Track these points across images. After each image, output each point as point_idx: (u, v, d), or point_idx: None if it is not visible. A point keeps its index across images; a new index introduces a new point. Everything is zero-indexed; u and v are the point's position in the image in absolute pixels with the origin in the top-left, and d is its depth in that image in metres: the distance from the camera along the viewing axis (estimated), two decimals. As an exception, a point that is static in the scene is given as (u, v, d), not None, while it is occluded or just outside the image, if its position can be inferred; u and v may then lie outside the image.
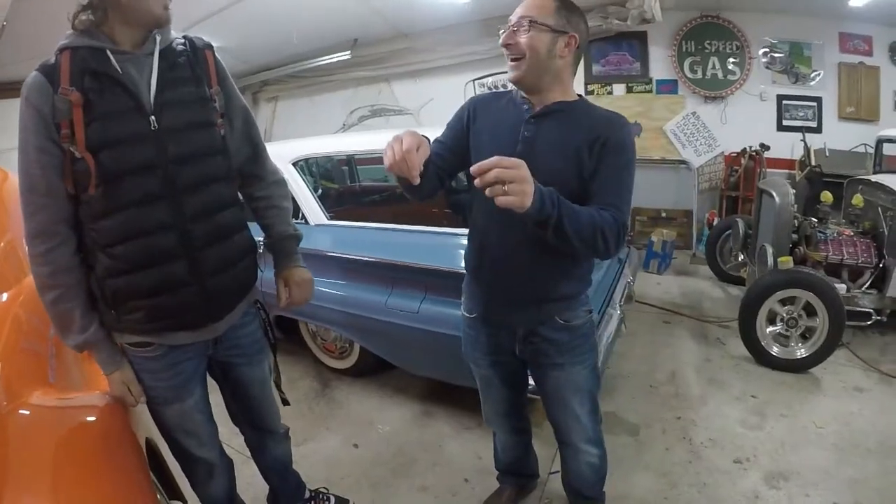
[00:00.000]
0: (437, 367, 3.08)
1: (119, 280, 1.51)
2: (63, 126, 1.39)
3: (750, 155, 6.25)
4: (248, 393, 1.96)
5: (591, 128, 1.64)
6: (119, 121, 1.43)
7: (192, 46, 1.61)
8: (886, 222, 3.98)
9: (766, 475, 2.66)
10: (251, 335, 1.88)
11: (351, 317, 3.13)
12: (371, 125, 8.15)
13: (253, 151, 1.83)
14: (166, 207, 1.51)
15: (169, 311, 1.58)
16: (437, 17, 6.74)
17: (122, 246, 1.49)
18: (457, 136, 1.82)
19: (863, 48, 6.29)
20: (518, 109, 1.73)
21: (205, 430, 1.88)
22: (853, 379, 3.55)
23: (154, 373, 1.67)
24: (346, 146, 4.52)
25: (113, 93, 1.43)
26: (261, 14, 6.04)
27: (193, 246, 1.57)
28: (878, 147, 4.97)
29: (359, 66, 7.92)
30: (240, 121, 1.76)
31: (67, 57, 1.41)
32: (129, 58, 1.46)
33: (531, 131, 1.67)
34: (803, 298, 3.58)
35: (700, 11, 6.48)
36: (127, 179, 1.45)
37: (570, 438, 2.07)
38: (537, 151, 1.63)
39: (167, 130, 1.49)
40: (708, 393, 3.42)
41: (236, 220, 1.72)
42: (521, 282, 1.78)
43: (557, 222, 1.42)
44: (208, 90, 1.62)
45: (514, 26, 1.62)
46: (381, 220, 3.40)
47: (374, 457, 2.93)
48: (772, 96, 6.51)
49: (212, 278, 1.62)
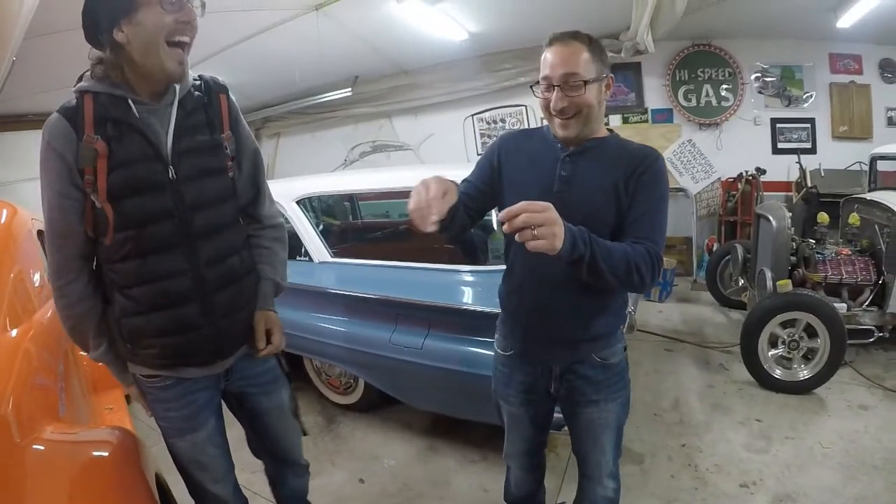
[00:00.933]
0: (442, 401, 3.08)
1: (134, 319, 1.57)
2: (87, 172, 1.43)
3: (746, 179, 6.31)
4: (265, 423, 1.96)
5: (628, 163, 1.63)
6: (140, 170, 1.48)
7: (207, 89, 1.64)
8: (883, 239, 4.01)
9: (773, 498, 2.66)
10: (262, 365, 1.87)
11: (355, 353, 3.15)
12: (372, 161, 8.24)
13: (255, 194, 1.85)
14: (181, 253, 1.56)
15: (180, 350, 1.63)
16: (435, 54, 6.87)
17: (139, 288, 1.54)
18: (486, 176, 1.80)
19: (853, 67, 6.39)
20: (552, 147, 1.71)
21: (219, 465, 1.89)
22: (857, 397, 3.56)
23: (166, 402, 1.71)
24: (349, 185, 4.59)
25: (132, 142, 1.47)
26: (263, 52, 6.16)
27: (206, 290, 1.61)
28: (872, 164, 5.01)
29: (360, 103, 8.07)
30: (248, 163, 1.78)
31: (90, 101, 1.45)
32: (149, 108, 1.50)
33: (568, 170, 1.66)
34: (804, 320, 3.60)
35: (692, 40, 6.60)
36: (145, 227, 1.50)
37: (594, 473, 2.04)
38: (575, 190, 1.64)
39: (184, 179, 1.53)
40: (712, 419, 3.42)
41: (244, 264, 1.77)
42: (561, 321, 1.76)
43: (591, 261, 1.41)
44: (221, 135, 1.65)
45: (563, 86, 1.57)
46: (384, 257, 3.44)
47: (380, 492, 2.92)
48: (766, 120, 6.60)
49: (222, 320, 1.66)
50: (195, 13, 1.45)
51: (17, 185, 6.55)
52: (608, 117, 6.99)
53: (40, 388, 1.81)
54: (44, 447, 1.45)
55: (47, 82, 5.74)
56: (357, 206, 5.55)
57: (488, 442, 3.20)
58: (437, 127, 7.84)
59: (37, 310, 2.27)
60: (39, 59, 4.86)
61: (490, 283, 2.98)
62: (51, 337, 2.21)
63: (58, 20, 4.20)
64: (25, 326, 1.99)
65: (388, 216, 5.63)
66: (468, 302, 2.91)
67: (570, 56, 1.56)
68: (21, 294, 2.17)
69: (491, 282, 2.99)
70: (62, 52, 4.86)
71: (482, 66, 7.06)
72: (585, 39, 1.59)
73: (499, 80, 7.17)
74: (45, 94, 6.11)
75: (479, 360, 2.66)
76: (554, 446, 3.14)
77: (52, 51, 4.74)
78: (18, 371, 1.66)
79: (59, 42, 4.58)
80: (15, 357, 1.73)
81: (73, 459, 1.51)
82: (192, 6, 1.44)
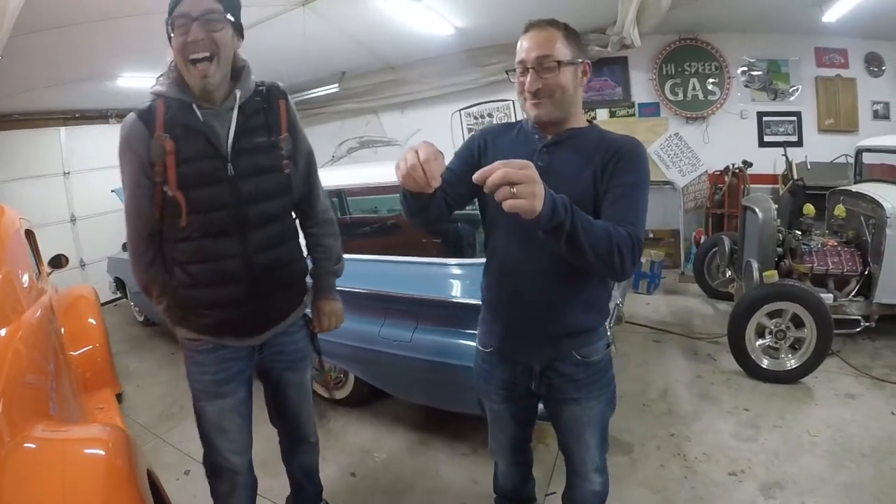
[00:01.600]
0: (431, 394, 3.09)
1: (189, 291, 1.81)
2: (156, 166, 1.66)
3: (733, 172, 6.35)
4: (287, 395, 2.16)
5: (606, 150, 1.63)
6: (202, 165, 1.70)
7: (267, 94, 1.86)
8: (869, 230, 4.05)
9: (761, 486, 2.69)
10: (294, 343, 2.09)
11: (345, 348, 3.15)
12: (359, 157, 8.21)
13: (308, 192, 2.05)
14: (235, 239, 1.78)
15: (225, 323, 1.86)
16: (422, 49, 6.85)
17: (196, 266, 1.78)
18: (466, 164, 1.77)
19: (839, 61, 6.43)
20: (530, 139, 1.73)
21: (240, 435, 2.04)
22: (845, 386, 3.60)
23: (203, 366, 1.91)
24: (337, 180, 4.57)
25: (197, 141, 1.69)
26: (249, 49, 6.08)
27: (254, 273, 1.82)
28: (857, 157, 5.04)
29: (347, 99, 8.07)
30: (303, 163, 1.99)
31: (162, 105, 1.67)
32: (212, 112, 1.71)
33: (545, 161, 1.65)
34: (790, 310, 3.64)
35: (678, 35, 6.62)
36: (206, 214, 1.72)
37: (579, 469, 2.04)
38: (553, 181, 1.54)
39: (241, 175, 1.74)
40: (701, 408, 3.45)
41: (291, 254, 1.98)
42: (541, 316, 1.74)
43: (571, 230, 1.34)
44: (278, 137, 1.85)
45: (538, 68, 1.60)
46: (372, 252, 3.44)
47: (372, 485, 2.94)
48: (752, 114, 6.63)
49: (265, 300, 1.88)
50: (202, 32, 1.59)
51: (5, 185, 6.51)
52: (595, 111, 7.03)
53: (30, 386, 1.84)
54: (35, 445, 1.46)
55: (32, 81, 5.72)
56: (345, 201, 5.54)
57: (478, 434, 3.21)
58: (424, 122, 7.84)
59: (25, 310, 2.26)
60: (24, 58, 4.82)
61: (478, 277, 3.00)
62: (40, 337, 2.22)
63: (42, 18, 4.18)
64: (14, 326, 2.01)
65: (377, 211, 5.62)
66: (456, 295, 2.91)
67: (546, 40, 1.60)
68: (9, 294, 2.19)
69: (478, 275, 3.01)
70: (46, 50, 4.86)
71: (469, 61, 7.04)
72: (561, 26, 1.63)
73: (485, 74, 7.15)
74: (31, 93, 6.09)
75: (468, 352, 2.63)
76: (543, 438, 3.16)
77: (37, 49, 4.72)
78: (8, 370, 1.69)
79: (43, 40, 4.56)
80: (4, 356, 1.75)
81: (64, 457, 1.51)
82: (198, 25, 1.58)
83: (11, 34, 3.53)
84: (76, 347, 3.58)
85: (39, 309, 2.48)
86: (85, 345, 3.69)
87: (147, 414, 3.78)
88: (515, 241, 1.62)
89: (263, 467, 2.49)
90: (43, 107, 6.73)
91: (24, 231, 3.05)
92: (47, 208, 6.68)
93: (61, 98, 6.42)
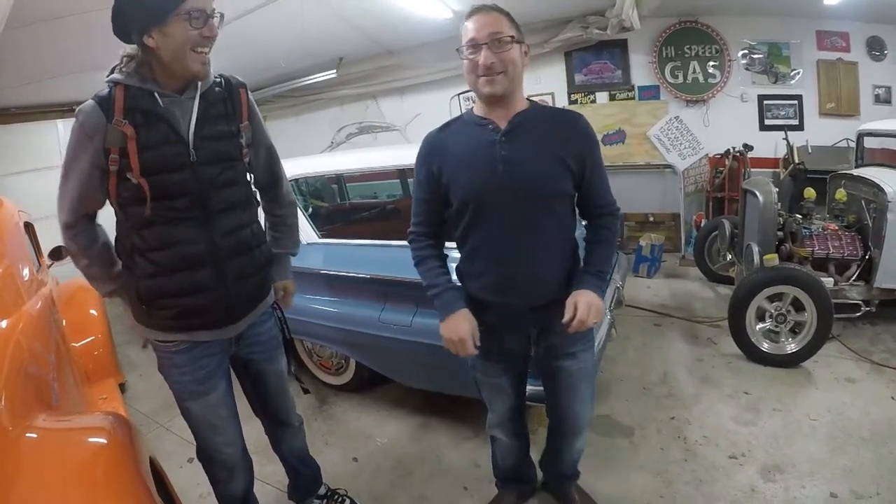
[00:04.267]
0: (432, 378, 3.10)
1: (153, 281, 1.78)
2: (113, 151, 1.64)
3: (734, 156, 6.30)
4: (266, 385, 2.20)
5: (559, 131, 1.82)
6: (165, 151, 1.69)
7: (227, 85, 1.87)
8: (870, 214, 4.04)
9: (761, 469, 2.70)
10: (268, 332, 2.14)
11: (345, 333, 3.17)
12: (359, 142, 8.18)
13: (273, 179, 2.12)
14: (199, 224, 1.78)
15: (193, 311, 1.83)
16: (420, 33, 6.79)
17: (159, 252, 1.76)
18: (433, 186, 1.90)
19: (840, 45, 6.37)
20: (482, 131, 1.81)
21: (230, 428, 2.09)
22: (845, 370, 3.60)
23: (180, 367, 1.91)
24: (336, 165, 4.56)
25: (158, 128, 1.68)
26: (246, 35, 6.06)
27: (219, 257, 1.83)
28: (859, 141, 5.01)
29: (345, 85, 8.01)
30: (264, 152, 2.04)
31: (121, 91, 1.65)
32: (173, 100, 1.71)
33: (507, 149, 1.76)
34: (790, 294, 3.63)
35: (678, 17, 6.55)
36: (169, 200, 1.71)
37: (575, 425, 2.20)
38: (519, 166, 1.75)
39: (203, 161, 1.75)
40: (701, 392, 3.46)
41: (256, 238, 2.00)
42: (539, 285, 1.88)
43: None
44: (238, 126, 1.87)
45: (490, 45, 1.68)
46: (371, 237, 3.44)
47: (374, 470, 2.96)
48: (753, 97, 6.57)
49: (233, 285, 1.88)
50: (216, 28, 1.66)
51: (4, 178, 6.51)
52: (594, 94, 6.98)
53: (32, 377, 1.85)
54: (37, 435, 1.47)
55: (29, 74, 5.69)
56: (345, 187, 5.54)
57: (480, 418, 3.18)
58: (423, 107, 7.76)
59: (26, 301, 2.27)
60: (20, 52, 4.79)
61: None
62: (41, 328, 2.23)
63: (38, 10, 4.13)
64: (15, 318, 2.02)
65: (376, 197, 5.62)
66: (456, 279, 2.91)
67: (494, 20, 1.71)
68: (10, 286, 2.22)
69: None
70: (43, 43, 4.82)
71: (468, 45, 6.99)
72: (504, 12, 1.75)
73: (484, 58, 7.09)
74: (28, 87, 6.05)
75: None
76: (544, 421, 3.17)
77: (33, 42, 4.68)
78: (9, 362, 1.71)
79: (39, 33, 4.52)
80: (5, 348, 1.77)
81: (66, 446, 1.53)
82: (214, 22, 1.64)
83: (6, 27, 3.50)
84: (78, 338, 3.58)
85: (40, 301, 2.48)
86: (87, 336, 3.69)
87: (150, 403, 3.79)
88: (510, 226, 1.80)
89: (265, 453, 2.52)
90: (40, 100, 6.72)
91: (23, 223, 3.05)
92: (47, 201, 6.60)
93: (58, 91, 6.37)
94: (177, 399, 1.99)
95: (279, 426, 2.37)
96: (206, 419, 2.01)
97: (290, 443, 2.43)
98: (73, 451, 1.49)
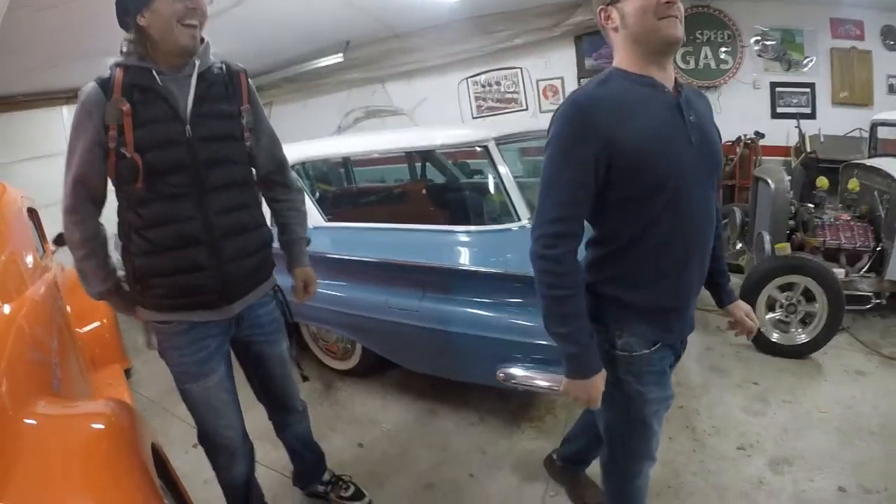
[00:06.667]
0: (439, 363, 3.07)
1: (148, 259, 1.79)
2: (111, 128, 1.67)
3: (745, 143, 6.25)
4: (268, 369, 2.19)
5: (705, 105, 1.63)
6: (160, 127, 1.72)
7: (228, 70, 1.90)
8: (883, 206, 3.98)
9: (770, 461, 2.68)
10: (269, 314, 2.12)
11: (352, 317, 3.14)
12: (366, 126, 8.16)
13: (277, 165, 2.12)
14: (195, 202, 1.78)
15: (187, 290, 1.83)
16: (428, 16, 6.75)
17: (155, 230, 1.77)
18: (600, 164, 1.41)
19: (854, 33, 6.29)
20: (655, 91, 1.45)
21: (229, 409, 2.08)
22: (854, 363, 3.57)
23: (180, 349, 1.91)
24: (342, 148, 4.53)
25: (156, 105, 1.71)
26: (252, 19, 6.02)
27: (214, 235, 1.82)
28: (872, 131, 4.96)
29: (352, 69, 7.94)
30: (265, 138, 2.04)
31: (121, 73, 1.69)
32: (171, 78, 1.74)
33: (694, 115, 1.48)
34: (802, 284, 3.59)
35: (691, 2, 6.47)
36: (164, 176, 1.73)
37: None
38: (705, 135, 1.51)
39: (199, 138, 1.76)
40: (710, 381, 3.44)
41: (254, 219, 1.98)
42: (699, 288, 1.65)
43: None
44: (239, 108, 1.90)
45: None
46: (378, 220, 3.42)
47: (380, 455, 2.95)
48: (765, 84, 6.51)
49: (228, 264, 1.87)
50: (201, 1, 1.70)
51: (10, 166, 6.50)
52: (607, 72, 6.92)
53: (33, 363, 1.86)
54: (36, 421, 1.46)
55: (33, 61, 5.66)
56: (352, 171, 5.51)
57: (485, 404, 3.24)
58: (430, 91, 7.76)
59: (29, 287, 2.26)
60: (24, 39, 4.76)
61: (484, 244, 2.99)
62: (43, 313, 2.23)
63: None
64: (18, 303, 2.02)
65: (383, 181, 5.59)
66: (463, 262, 2.92)
67: None
68: (12, 271, 2.23)
69: (485, 242, 2.99)
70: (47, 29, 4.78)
71: (475, 29, 6.93)
72: None
73: (492, 42, 7.07)
74: (32, 74, 6.03)
75: (474, 320, 2.68)
76: (552, 408, 3.16)
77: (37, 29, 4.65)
78: (11, 347, 1.70)
79: (43, 19, 4.48)
80: (7, 333, 1.77)
81: (66, 432, 1.51)
82: None
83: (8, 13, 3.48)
84: (83, 324, 3.59)
85: (43, 286, 2.48)
86: (92, 321, 3.69)
87: (155, 387, 3.78)
88: (696, 214, 1.48)
89: (269, 439, 2.50)
90: (44, 87, 6.73)
91: (27, 209, 3.04)
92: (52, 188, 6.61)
93: (62, 77, 6.33)
94: (177, 381, 1.99)
95: (282, 411, 2.36)
96: (207, 401, 2.01)
97: (294, 428, 2.42)
98: (72, 437, 1.48)
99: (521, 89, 7.51)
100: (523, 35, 6.92)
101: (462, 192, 4.30)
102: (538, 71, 7.37)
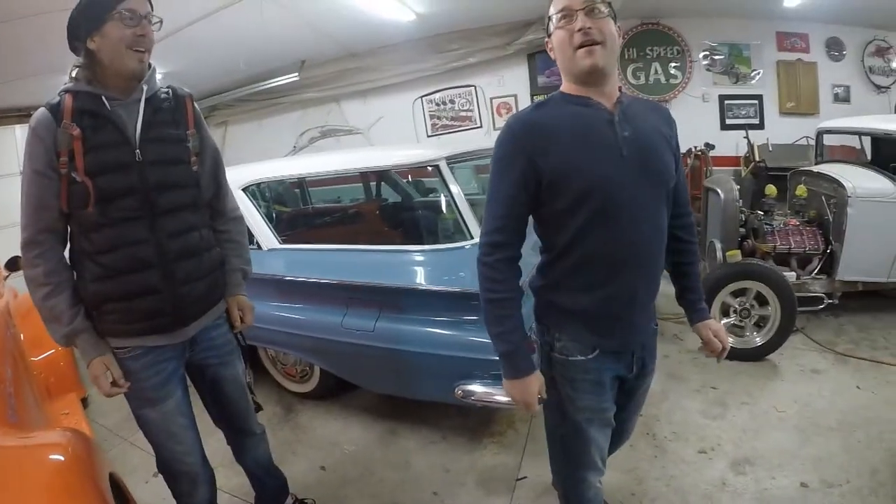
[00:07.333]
0: (397, 383, 3.03)
1: (101, 285, 1.77)
2: (62, 154, 1.67)
3: (696, 155, 6.37)
4: (225, 392, 2.16)
5: (656, 112, 1.68)
6: (111, 152, 1.72)
7: (174, 94, 1.91)
8: (830, 209, 4.09)
9: (731, 462, 2.71)
10: (223, 336, 2.11)
11: (308, 339, 3.09)
12: (322, 146, 8.12)
13: (217, 189, 2.10)
14: (146, 225, 1.78)
15: (142, 314, 1.81)
16: (383, 36, 6.79)
17: (108, 255, 1.75)
18: (532, 179, 1.51)
19: (800, 45, 6.52)
20: (590, 110, 1.52)
21: (188, 435, 2.05)
22: (810, 361, 3.64)
23: (135, 373, 1.87)
24: (296, 169, 4.49)
25: (105, 130, 1.72)
26: (206, 39, 5.97)
27: (167, 258, 1.82)
28: (818, 139, 5.09)
29: (307, 88, 7.92)
30: (210, 161, 2.03)
31: (70, 98, 1.69)
32: (120, 103, 1.75)
33: (629, 129, 1.51)
34: (754, 289, 3.68)
35: (640, 19, 6.65)
36: (116, 201, 1.72)
37: (628, 435, 2.11)
38: (643, 148, 1.53)
39: (149, 162, 1.77)
40: (668, 388, 3.46)
41: (205, 241, 1.99)
42: (649, 298, 1.69)
43: None
44: (185, 132, 1.90)
45: (588, 12, 1.44)
46: (332, 241, 3.39)
47: (342, 478, 2.89)
48: (714, 97, 6.70)
49: (181, 287, 1.86)
50: (150, 29, 1.72)
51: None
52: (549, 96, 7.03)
53: None
54: None
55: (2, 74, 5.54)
56: (307, 192, 5.46)
57: (447, 422, 3.21)
58: (386, 110, 7.77)
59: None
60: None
61: (438, 263, 2.97)
62: None
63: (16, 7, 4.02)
64: None
65: (339, 200, 5.56)
66: (418, 282, 2.90)
67: None
68: None
69: (439, 261, 2.98)
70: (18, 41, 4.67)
71: (430, 48, 7.02)
72: None
73: (447, 60, 7.15)
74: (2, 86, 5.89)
75: (431, 339, 2.66)
76: (511, 422, 3.14)
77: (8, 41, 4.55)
78: None
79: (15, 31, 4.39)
80: None
81: (21, 463, 1.48)
82: (147, 22, 1.70)
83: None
84: (38, 353, 3.44)
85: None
86: (47, 349, 3.54)
87: (113, 416, 3.65)
88: (635, 223, 1.52)
89: (231, 467, 2.44)
90: (-4, 106, 6.53)
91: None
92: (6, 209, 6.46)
93: (13, 95, 6.23)
94: (133, 408, 1.95)
95: (240, 434, 2.32)
96: (164, 427, 1.98)
97: (254, 452, 2.38)
98: (30, 469, 1.44)
99: (475, 107, 7.59)
100: (477, 54, 7.01)
101: (415, 211, 4.30)
102: (492, 89, 7.46)
